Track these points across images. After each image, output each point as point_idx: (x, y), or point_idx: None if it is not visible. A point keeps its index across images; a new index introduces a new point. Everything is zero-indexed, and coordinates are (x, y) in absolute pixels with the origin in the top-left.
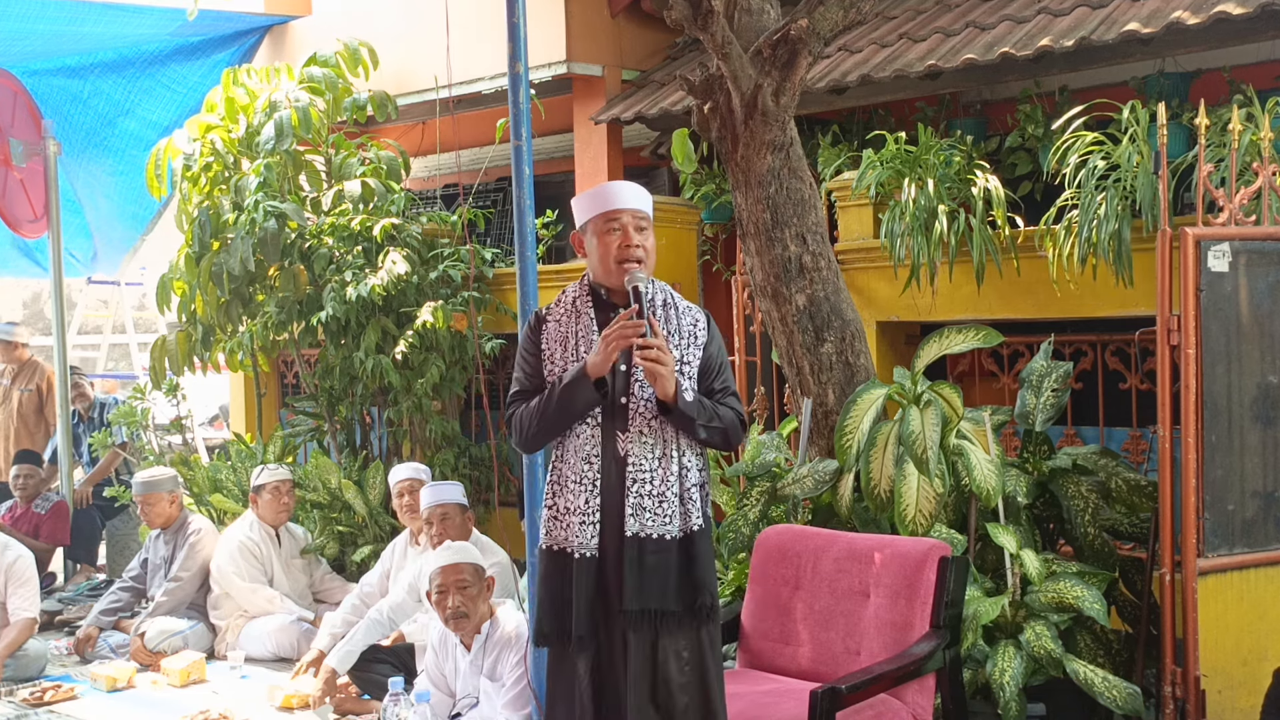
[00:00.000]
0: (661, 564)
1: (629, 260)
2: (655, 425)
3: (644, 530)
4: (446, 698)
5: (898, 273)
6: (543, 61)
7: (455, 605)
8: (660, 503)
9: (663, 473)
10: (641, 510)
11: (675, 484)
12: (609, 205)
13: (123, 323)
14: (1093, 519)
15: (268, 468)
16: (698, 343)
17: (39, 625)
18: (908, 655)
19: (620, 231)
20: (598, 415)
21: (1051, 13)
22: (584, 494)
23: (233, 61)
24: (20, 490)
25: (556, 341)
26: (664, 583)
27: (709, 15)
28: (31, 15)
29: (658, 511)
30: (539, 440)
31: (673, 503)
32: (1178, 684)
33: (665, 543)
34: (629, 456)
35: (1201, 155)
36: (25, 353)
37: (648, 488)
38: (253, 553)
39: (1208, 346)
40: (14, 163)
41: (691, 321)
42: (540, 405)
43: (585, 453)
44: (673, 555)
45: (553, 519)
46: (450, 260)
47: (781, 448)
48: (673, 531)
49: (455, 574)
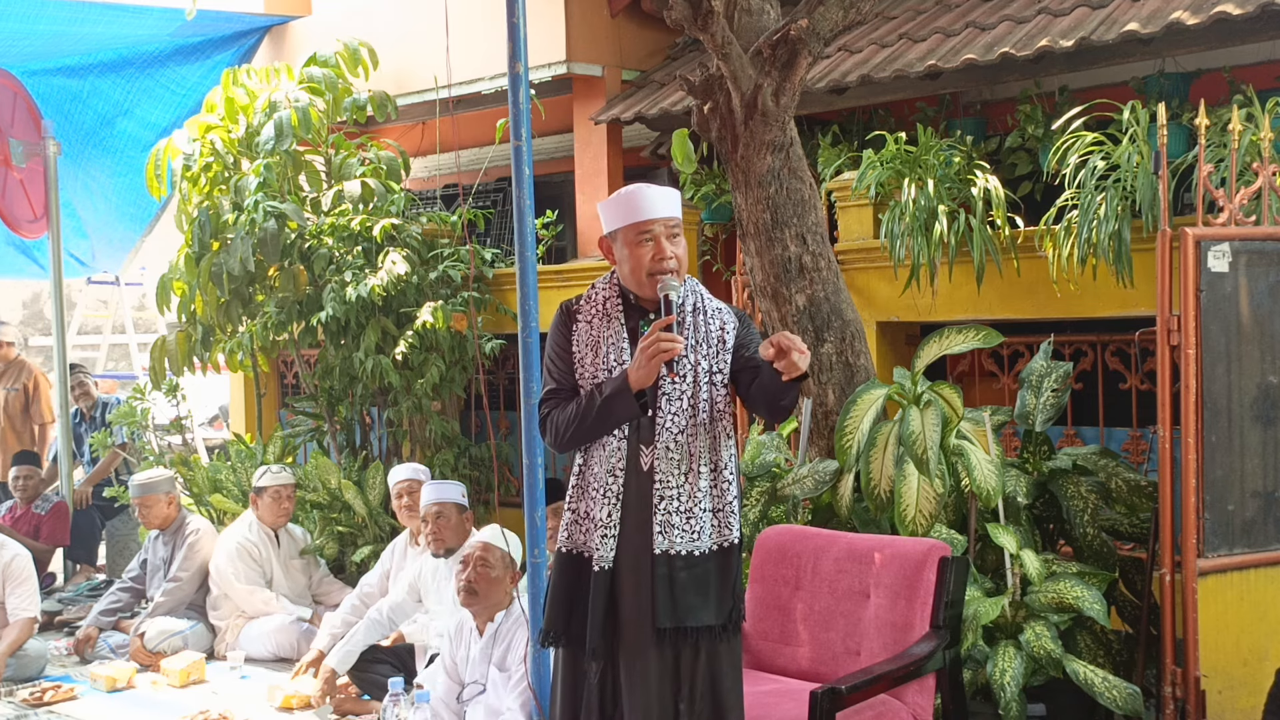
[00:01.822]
0: (696, 579)
1: (662, 272)
2: (681, 440)
3: (673, 547)
4: (456, 685)
5: (898, 273)
6: (543, 61)
7: (469, 579)
8: (689, 519)
9: (690, 489)
10: (670, 527)
11: (706, 499)
12: (641, 215)
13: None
14: (1093, 519)
15: (270, 470)
16: (726, 347)
17: (39, 625)
18: (908, 655)
19: (653, 243)
20: (625, 428)
21: (1051, 13)
22: (607, 506)
23: (232, 62)
24: (20, 491)
25: (587, 345)
26: (702, 598)
27: (709, 15)
28: (31, 16)
29: (685, 528)
30: (573, 445)
31: (701, 518)
32: (1178, 684)
33: (696, 559)
34: (655, 473)
35: (1201, 155)
36: (12, 351)
37: (675, 504)
38: (250, 554)
39: (1208, 346)
40: (14, 163)
41: (719, 325)
42: (579, 412)
43: (610, 464)
44: (709, 568)
45: (574, 523)
46: (450, 260)
47: (781, 448)
48: (703, 547)
49: (483, 551)
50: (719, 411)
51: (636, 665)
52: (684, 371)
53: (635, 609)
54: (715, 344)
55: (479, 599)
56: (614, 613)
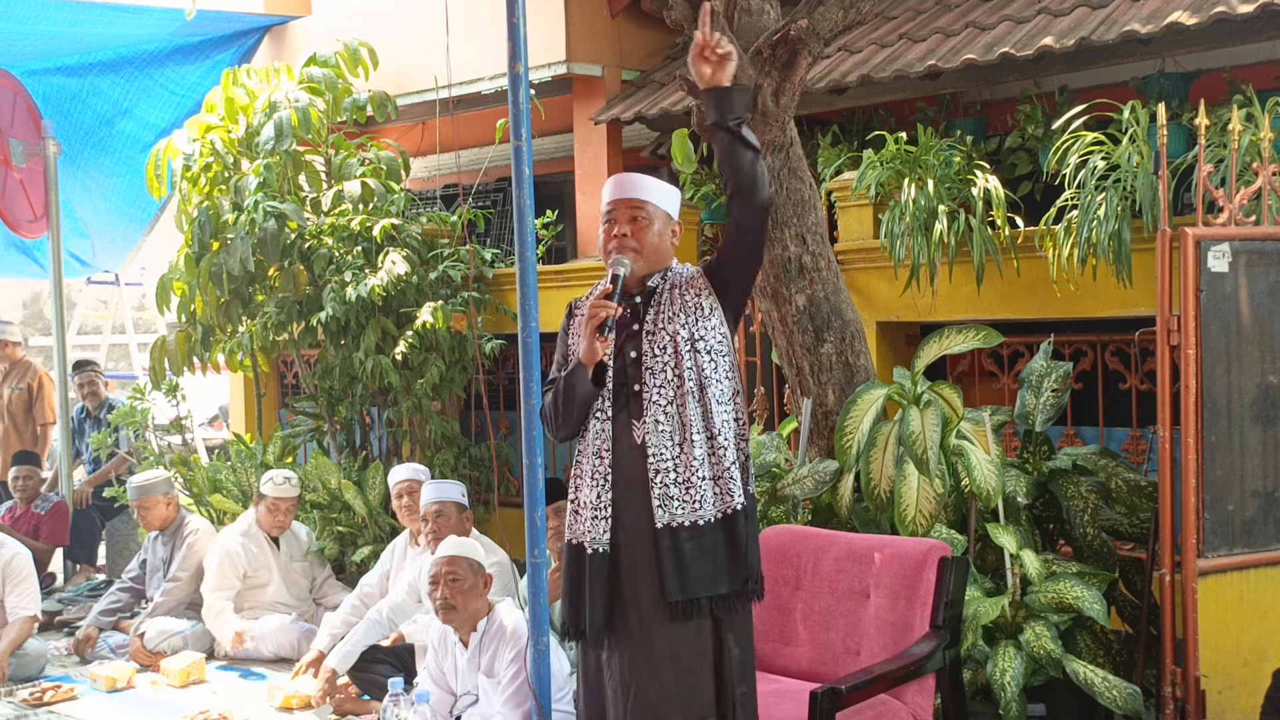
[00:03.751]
0: (701, 549)
1: (616, 250)
2: (671, 411)
3: (674, 520)
4: (448, 696)
5: (898, 273)
6: (543, 61)
7: (443, 596)
8: (687, 489)
9: (685, 459)
10: (669, 500)
11: (704, 468)
12: (606, 199)
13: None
14: (1092, 519)
15: (274, 479)
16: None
17: (39, 625)
18: (908, 655)
19: (612, 223)
20: (608, 409)
21: (1051, 13)
22: (595, 489)
23: (232, 62)
24: (20, 491)
25: (576, 333)
26: (712, 567)
27: None
28: (31, 17)
29: (685, 499)
30: (562, 431)
31: (701, 487)
32: (1178, 684)
33: (700, 528)
34: (648, 447)
35: (1201, 155)
36: (17, 351)
37: (672, 476)
38: (235, 563)
39: (1208, 346)
40: (14, 163)
41: (695, 292)
42: (554, 395)
43: (596, 447)
44: (716, 537)
45: (573, 513)
46: (450, 260)
47: (781, 448)
48: (706, 516)
49: (449, 566)
50: (707, 378)
51: (641, 647)
52: (664, 343)
53: (636, 588)
54: (693, 311)
55: (458, 613)
56: (620, 593)
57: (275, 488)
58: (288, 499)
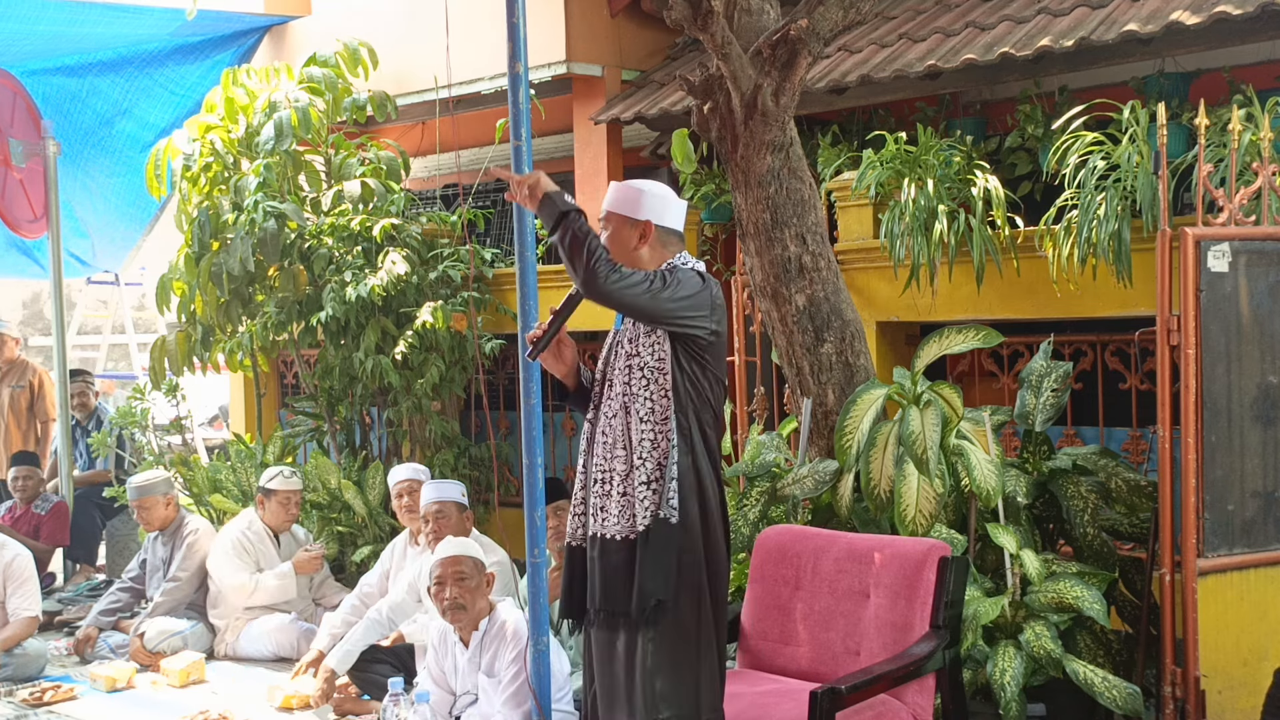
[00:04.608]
0: (611, 566)
1: None
2: (616, 424)
3: (601, 530)
4: (447, 695)
5: (898, 273)
6: (543, 61)
7: (452, 596)
8: (606, 502)
9: (610, 472)
10: (598, 510)
11: (623, 483)
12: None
13: (122, 323)
14: (1092, 519)
15: (282, 473)
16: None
17: (39, 625)
18: (908, 655)
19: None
20: (591, 411)
21: (1051, 13)
22: (578, 486)
23: (232, 62)
24: (20, 491)
25: None
26: (617, 585)
27: (709, 15)
28: (31, 17)
29: (610, 511)
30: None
31: (619, 502)
32: (1178, 684)
33: (616, 544)
34: (594, 456)
35: (1201, 155)
36: (16, 350)
37: (605, 487)
38: (245, 549)
39: (1208, 346)
40: (14, 163)
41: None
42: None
43: (583, 446)
44: (621, 557)
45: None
46: (450, 260)
47: (781, 448)
48: (610, 533)
49: (454, 565)
50: (633, 395)
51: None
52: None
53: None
54: (641, 325)
55: (466, 612)
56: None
57: (284, 481)
58: (297, 491)
